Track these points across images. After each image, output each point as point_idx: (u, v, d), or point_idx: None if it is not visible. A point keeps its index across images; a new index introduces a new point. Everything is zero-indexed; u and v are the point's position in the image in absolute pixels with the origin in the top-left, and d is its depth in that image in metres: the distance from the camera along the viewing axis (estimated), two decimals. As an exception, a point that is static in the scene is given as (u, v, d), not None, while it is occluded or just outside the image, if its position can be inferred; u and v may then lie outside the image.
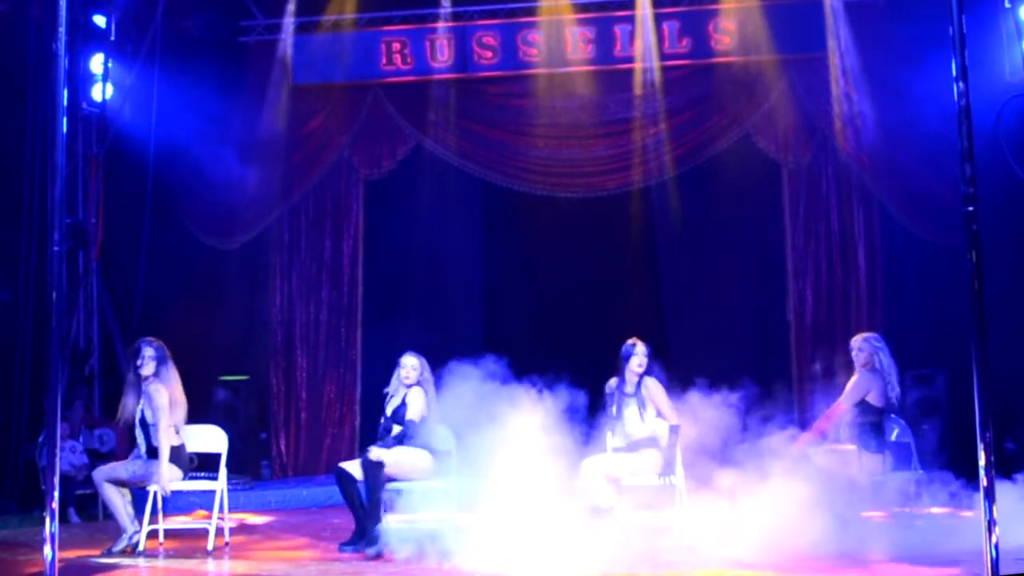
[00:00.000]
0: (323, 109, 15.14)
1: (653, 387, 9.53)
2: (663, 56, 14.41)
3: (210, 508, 9.86)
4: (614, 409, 9.61)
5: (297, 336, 15.16)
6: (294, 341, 15.18)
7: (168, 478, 9.51)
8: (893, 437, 10.58)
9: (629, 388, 9.59)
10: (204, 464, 10.14)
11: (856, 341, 9.90)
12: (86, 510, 12.37)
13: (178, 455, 9.67)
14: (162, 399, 9.57)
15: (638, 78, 14.47)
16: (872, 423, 9.61)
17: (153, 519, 9.72)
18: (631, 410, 9.53)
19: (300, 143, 15.11)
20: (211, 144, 14.21)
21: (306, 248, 15.28)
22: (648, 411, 9.52)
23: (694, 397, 9.55)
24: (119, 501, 9.60)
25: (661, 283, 14.78)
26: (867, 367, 9.73)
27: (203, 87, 14.23)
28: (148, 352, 9.72)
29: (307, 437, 14.90)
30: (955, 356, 10.43)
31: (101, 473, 9.70)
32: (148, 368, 9.69)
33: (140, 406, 9.66)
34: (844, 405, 9.69)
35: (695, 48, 14.43)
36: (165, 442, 9.51)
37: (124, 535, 9.60)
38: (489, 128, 15.02)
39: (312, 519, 10.94)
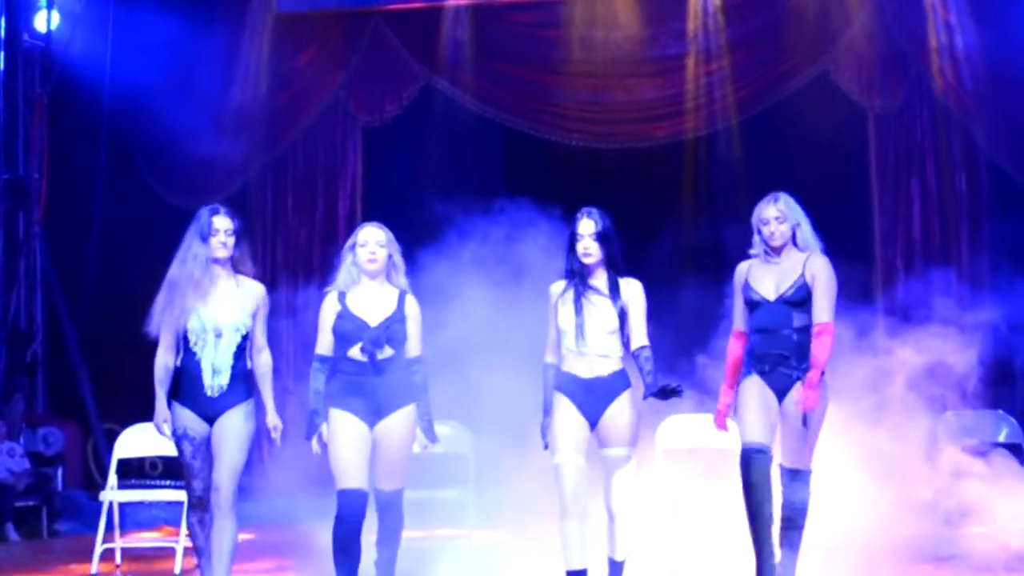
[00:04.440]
0: (313, 42, 15.15)
1: (638, 293, 7.42)
2: (725, -23, 14.22)
3: (177, 523, 9.81)
4: (570, 313, 7.36)
5: (282, 315, 14.93)
6: (279, 321, 14.96)
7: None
8: (1002, 438, 10.39)
9: (597, 282, 7.41)
10: (169, 470, 10.03)
11: (769, 207, 7.52)
12: (27, 525, 12.30)
13: None
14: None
15: (694, 4, 14.48)
16: (806, 332, 7.37)
17: (108, 535, 9.56)
18: (601, 312, 7.35)
19: (286, 83, 15.10)
20: (178, 84, 14.22)
21: (293, 208, 15.25)
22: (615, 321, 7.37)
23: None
24: None
25: (721, 249, 14.55)
26: (788, 241, 7.47)
27: (168, 15, 14.17)
28: (226, 225, 7.62)
29: (295, 439, 14.68)
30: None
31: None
32: (226, 250, 7.64)
33: (222, 311, 7.58)
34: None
35: (764, -33, 14.42)
36: (267, 360, 7.86)
37: None
38: (514, 65, 14.99)
39: (298, 537, 10.80)
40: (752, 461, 7.16)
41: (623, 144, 14.69)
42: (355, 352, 7.28)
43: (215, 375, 7.43)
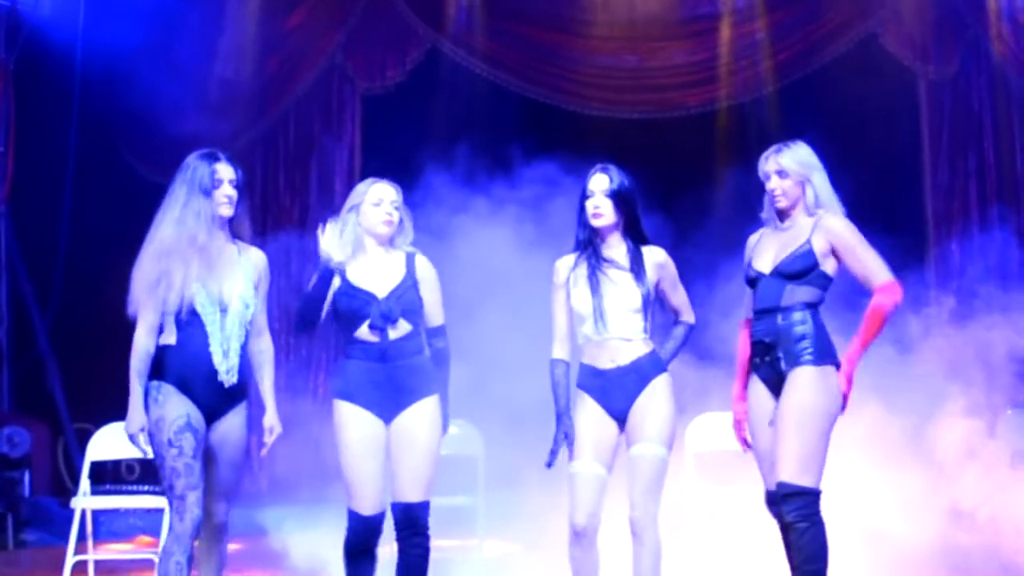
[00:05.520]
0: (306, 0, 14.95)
1: (668, 265, 6.94)
2: (761, -71, 14.30)
3: (156, 533, 9.73)
4: (586, 294, 6.78)
5: (273, 304, 14.81)
6: (269, 311, 14.82)
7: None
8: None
9: (615, 254, 6.85)
10: (147, 474, 9.92)
11: (768, 161, 6.85)
12: (-7, 535, 12.33)
13: None
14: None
15: (728, -42, 14.46)
16: (803, 313, 6.66)
17: (81, 546, 9.34)
18: (622, 289, 6.77)
19: (277, 45, 14.98)
20: (158, 49, 14.09)
21: (285, 185, 15.16)
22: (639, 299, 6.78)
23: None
24: None
25: (757, 228, 14.55)
26: (798, 202, 6.79)
27: (147, -29, 13.95)
28: (230, 174, 6.95)
29: (286, 440, 14.60)
30: None
31: None
32: (231, 207, 7.02)
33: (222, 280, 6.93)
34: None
35: (803, -82, 14.28)
36: (268, 346, 7.23)
37: None
38: (528, 26, 14.98)
39: (289, 549, 10.72)
40: (784, 517, 6.42)
41: (649, 114, 14.76)
42: (364, 332, 6.70)
43: (226, 358, 6.68)
